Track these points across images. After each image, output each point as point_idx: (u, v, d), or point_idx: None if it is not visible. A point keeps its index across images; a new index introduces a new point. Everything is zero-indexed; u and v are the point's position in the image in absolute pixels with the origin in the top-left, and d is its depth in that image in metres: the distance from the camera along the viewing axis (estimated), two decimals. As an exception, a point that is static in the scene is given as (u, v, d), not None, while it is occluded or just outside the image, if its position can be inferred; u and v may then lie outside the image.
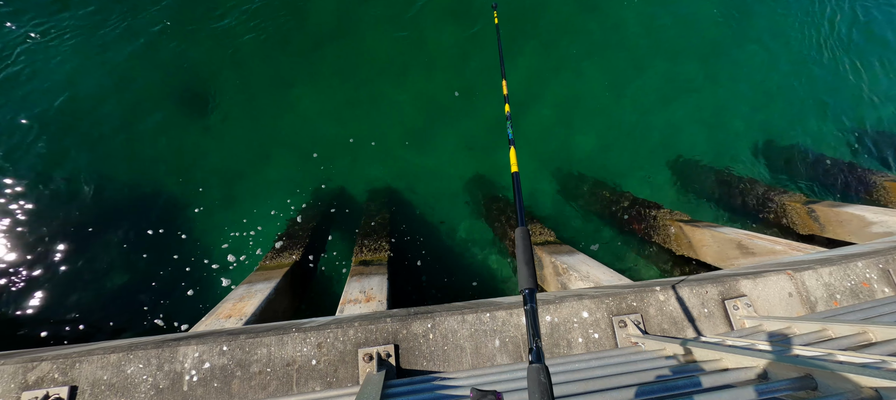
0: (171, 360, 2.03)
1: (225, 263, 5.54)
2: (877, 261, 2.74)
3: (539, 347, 0.91)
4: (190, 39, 7.18)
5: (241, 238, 5.82)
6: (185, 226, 5.84)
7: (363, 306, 3.46)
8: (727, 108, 8.29)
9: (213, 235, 5.80)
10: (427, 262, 5.96)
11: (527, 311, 1.01)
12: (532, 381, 0.85)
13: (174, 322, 4.89)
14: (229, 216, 6.02)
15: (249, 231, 5.90)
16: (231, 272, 5.48)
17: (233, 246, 5.72)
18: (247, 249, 5.72)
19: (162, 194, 6.06)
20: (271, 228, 5.94)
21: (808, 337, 1.85)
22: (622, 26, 8.63)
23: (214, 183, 6.28)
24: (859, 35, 9.41)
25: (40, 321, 4.71)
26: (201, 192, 6.14)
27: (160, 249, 5.52)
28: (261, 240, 5.83)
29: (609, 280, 3.86)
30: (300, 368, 2.07)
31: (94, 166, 5.99)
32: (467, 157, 7.14)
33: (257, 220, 6.02)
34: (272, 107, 7.12)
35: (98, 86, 6.53)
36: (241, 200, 6.22)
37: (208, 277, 5.40)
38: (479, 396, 0.89)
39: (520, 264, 1.15)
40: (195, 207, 6.01)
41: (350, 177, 6.75)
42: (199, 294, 5.20)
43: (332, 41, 7.69)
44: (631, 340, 2.26)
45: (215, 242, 5.74)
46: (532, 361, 0.89)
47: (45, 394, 1.89)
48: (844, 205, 5.52)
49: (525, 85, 7.88)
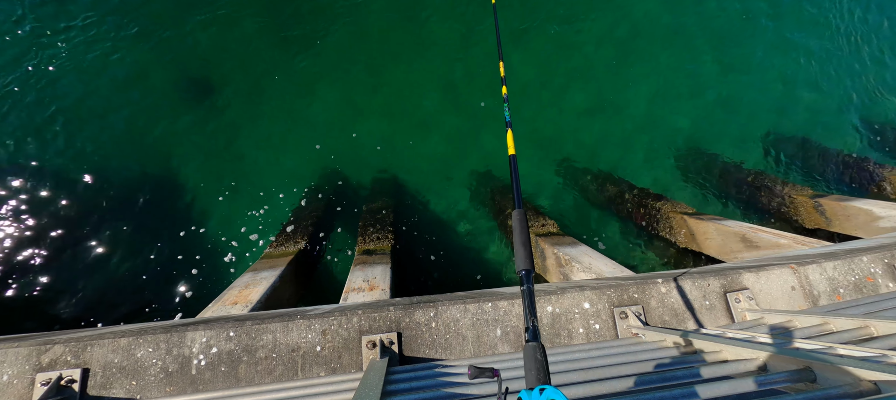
0: (180, 344, 2.08)
1: (230, 250, 5.61)
2: (882, 256, 2.72)
3: (535, 326, 0.91)
4: (195, 28, 7.16)
5: (246, 226, 5.88)
6: (191, 214, 5.90)
7: (367, 295, 3.50)
8: (732, 100, 8.16)
9: (219, 223, 5.86)
10: (430, 251, 6.00)
11: (523, 291, 1.01)
12: (528, 358, 0.85)
13: (180, 308, 4.99)
14: (234, 204, 6.07)
15: (255, 219, 5.96)
16: (236, 260, 5.55)
17: (238, 234, 5.78)
18: (251, 238, 5.78)
19: (168, 183, 6.11)
20: (277, 216, 5.99)
21: (809, 330, 1.86)
22: (632, 16, 8.48)
23: (220, 171, 6.32)
24: (880, 20, 9.15)
25: (52, 305, 4.82)
26: (207, 181, 6.19)
27: (167, 237, 5.59)
28: (266, 228, 5.89)
29: (611, 271, 3.87)
30: (305, 354, 2.11)
31: (103, 155, 6.05)
32: (474, 147, 7.11)
33: (262, 208, 6.07)
34: (277, 96, 7.11)
35: (108, 77, 6.55)
36: (247, 188, 6.26)
37: (213, 264, 5.47)
38: (476, 372, 0.90)
39: (516, 245, 1.14)
40: (201, 196, 6.07)
41: (354, 165, 6.77)
42: (204, 281, 5.29)
43: (337, 28, 7.63)
44: (632, 332, 2.28)
45: (221, 230, 5.80)
46: (528, 339, 0.89)
47: (58, 375, 1.94)
48: (852, 199, 5.46)
49: (533, 72, 7.80)
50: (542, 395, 0.73)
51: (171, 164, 6.25)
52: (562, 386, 1.50)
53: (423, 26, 7.86)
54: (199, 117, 6.68)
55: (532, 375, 0.82)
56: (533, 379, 0.82)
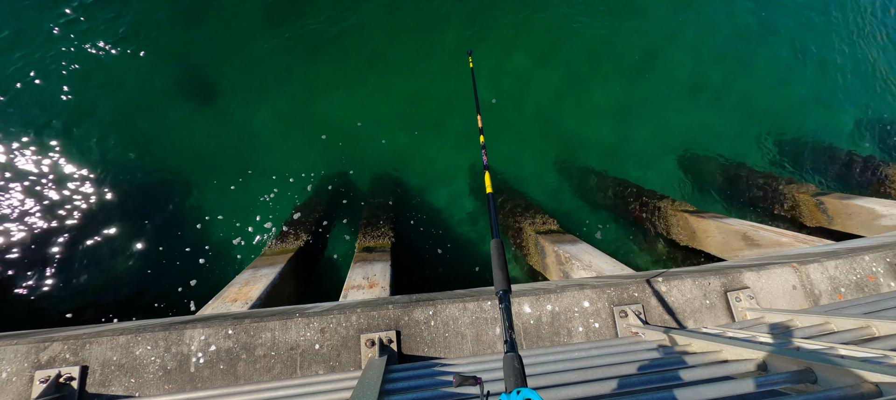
0: (179, 342, 2.08)
1: (231, 247, 5.61)
2: (884, 254, 2.70)
3: (512, 339, 1.08)
4: (200, 28, 7.12)
5: (248, 222, 5.88)
6: (191, 210, 5.90)
7: (366, 292, 3.50)
8: (735, 97, 8.12)
9: (220, 220, 5.86)
10: (430, 249, 6.00)
11: (501, 308, 1.17)
12: (507, 367, 0.97)
13: (180, 304, 4.99)
14: (235, 201, 6.07)
15: (255, 216, 5.96)
16: (237, 256, 5.55)
17: (239, 230, 5.79)
18: (252, 234, 5.78)
19: (167, 179, 6.11)
20: (277, 213, 5.99)
21: (810, 330, 1.84)
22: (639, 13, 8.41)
23: (220, 168, 6.32)
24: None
25: (50, 300, 4.83)
26: (207, 177, 6.19)
27: (167, 233, 5.59)
28: (266, 225, 5.89)
29: (611, 270, 3.85)
30: (304, 352, 2.11)
31: (105, 150, 6.04)
32: (475, 146, 7.08)
33: (263, 204, 6.08)
34: (280, 92, 7.09)
35: (111, 76, 6.53)
36: (248, 184, 6.26)
37: (214, 261, 5.48)
38: (460, 380, 1.00)
39: (495, 270, 1.30)
40: (201, 192, 6.07)
41: (355, 163, 6.76)
42: (205, 277, 5.29)
43: (341, 25, 7.59)
44: (631, 330, 2.27)
45: (222, 227, 5.81)
46: (507, 350, 1.03)
47: (57, 373, 1.94)
48: (854, 197, 5.43)
49: (538, 62, 7.74)
50: (519, 396, 0.82)
51: (170, 161, 6.25)
52: (560, 385, 1.49)
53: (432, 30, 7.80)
54: (201, 115, 6.67)
55: (511, 381, 0.94)
56: (511, 384, 0.93)
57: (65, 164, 5.74)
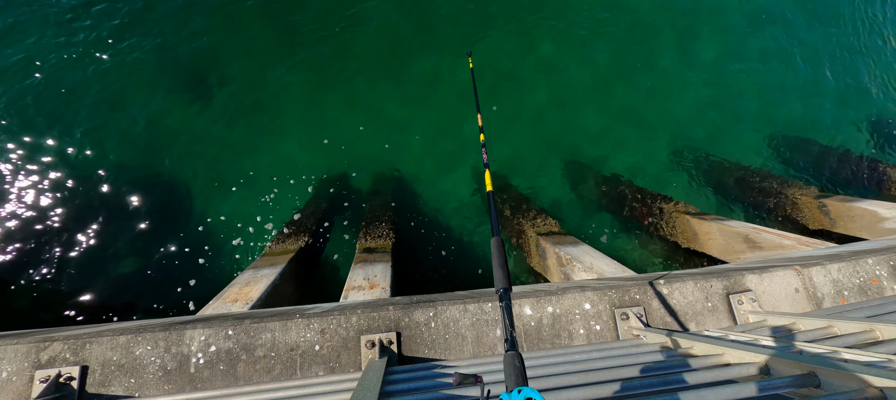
0: (179, 342, 2.07)
1: (231, 247, 5.61)
2: (888, 257, 2.68)
3: (513, 337, 1.04)
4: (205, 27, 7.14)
5: (248, 223, 5.88)
6: (192, 211, 5.91)
7: (367, 293, 3.49)
8: (737, 97, 8.10)
9: (221, 220, 5.87)
10: (431, 250, 5.99)
11: (502, 307, 1.16)
12: (508, 365, 0.96)
13: (180, 304, 5.00)
14: (236, 202, 6.07)
15: (256, 216, 5.96)
16: (237, 257, 5.56)
17: (240, 231, 5.79)
18: (253, 235, 5.78)
19: (169, 180, 6.12)
20: (278, 214, 5.99)
21: (813, 334, 1.83)
22: (636, 12, 8.41)
23: (222, 169, 6.32)
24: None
25: (51, 300, 4.84)
26: (209, 178, 6.20)
27: (167, 233, 5.60)
28: (267, 225, 5.89)
29: (613, 272, 3.84)
30: (304, 353, 2.11)
31: (105, 150, 6.05)
32: (477, 149, 7.07)
33: (264, 205, 6.08)
34: (282, 92, 7.10)
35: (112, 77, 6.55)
36: (249, 185, 6.26)
37: (214, 261, 5.48)
38: (460, 379, 0.98)
39: (495, 268, 1.30)
40: (203, 193, 6.08)
41: (356, 164, 6.76)
42: (205, 278, 5.30)
43: (344, 27, 7.61)
44: (633, 333, 2.26)
45: (222, 227, 5.81)
46: (507, 349, 1.01)
47: (57, 373, 1.94)
48: (857, 200, 5.41)
49: (540, 65, 7.74)
50: (520, 395, 0.81)
51: (172, 161, 6.25)
52: (561, 388, 1.48)
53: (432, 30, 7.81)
54: (202, 115, 6.68)
55: (512, 380, 0.93)
56: (512, 383, 0.92)
57: (65, 165, 5.76)
